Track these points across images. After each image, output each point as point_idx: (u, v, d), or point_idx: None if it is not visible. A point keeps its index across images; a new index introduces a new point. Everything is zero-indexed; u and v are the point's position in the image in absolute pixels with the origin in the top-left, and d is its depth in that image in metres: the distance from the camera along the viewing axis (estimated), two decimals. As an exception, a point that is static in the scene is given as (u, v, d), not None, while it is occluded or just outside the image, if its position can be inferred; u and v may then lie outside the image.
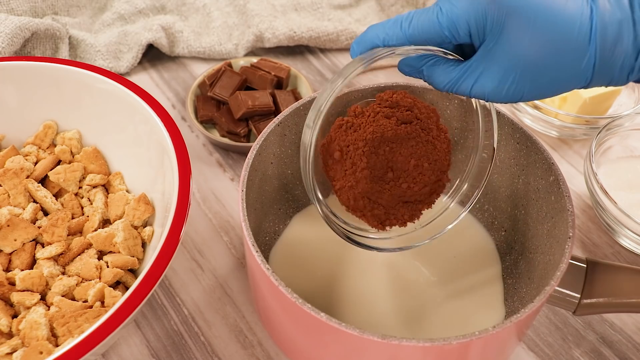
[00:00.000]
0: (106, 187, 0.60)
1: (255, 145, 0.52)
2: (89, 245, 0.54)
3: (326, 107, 0.43)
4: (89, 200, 0.58)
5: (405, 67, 0.45)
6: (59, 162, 0.61)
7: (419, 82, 0.55)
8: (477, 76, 0.41)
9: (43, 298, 0.51)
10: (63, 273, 0.53)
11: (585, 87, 0.41)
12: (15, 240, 0.52)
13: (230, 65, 0.75)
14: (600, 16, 0.38)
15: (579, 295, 0.48)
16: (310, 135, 0.44)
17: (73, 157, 0.61)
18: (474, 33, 0.39)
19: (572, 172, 0.70)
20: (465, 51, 0.44)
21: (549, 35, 0.38)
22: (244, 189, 0.49)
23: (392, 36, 0.41)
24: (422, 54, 0.43)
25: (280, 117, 0.54)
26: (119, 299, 0.49)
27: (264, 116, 0.69)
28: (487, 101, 0.42)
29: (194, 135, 0.72)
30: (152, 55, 0.80)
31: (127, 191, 0.59)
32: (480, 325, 0.53)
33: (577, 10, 0.38)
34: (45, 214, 0.57)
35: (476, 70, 0.41)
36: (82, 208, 0.58)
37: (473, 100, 0.51)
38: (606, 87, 0.41)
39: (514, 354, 0.55)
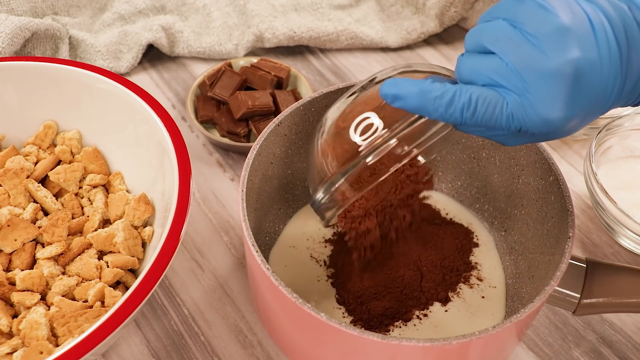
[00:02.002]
0: (106, 187, 0.60)
1: (255, 146, 0.52)
2: (89, 245, 0.54)
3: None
4: (89, 200, 0.58)
5: None
6: (59, 162, 0.61)
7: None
8: (503, 140, 0.41)
9: (43, 298, 0.51)
10: (63, 273, 0.53)
11: None
12: (15, 240, 0.52)
13: (230, 65, 0.75)
14: (622, 80, 0.37)
15: (578, 295, 0.48)
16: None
17: (73, 157, 0.61)
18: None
19: (572, 172, 0.70)
20: None
21: (590, 120, 0.38)
22: (244, 189, 0.49)
23: (449, 119, 0.38)
24: None
25: (280, 117, 0.54)
26: (119, 299, 0.49)
27: (264, 116, 0.69)
28: None
29: (194, 135, 0.72)
30: (152, 56, 0.80)
31: (127, 191, 0.59)
32: (480, 325, 0.53)
33: (611, 86, 0.37)
34: (46, 214, 0.57)
35: (504, 136, 0.41)
36: (82, 208, 0.58)
37: None
38: None
39: (514, 353, 0.55)
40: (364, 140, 0.43)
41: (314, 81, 0.78)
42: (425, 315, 0.54)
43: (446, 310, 0.54)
